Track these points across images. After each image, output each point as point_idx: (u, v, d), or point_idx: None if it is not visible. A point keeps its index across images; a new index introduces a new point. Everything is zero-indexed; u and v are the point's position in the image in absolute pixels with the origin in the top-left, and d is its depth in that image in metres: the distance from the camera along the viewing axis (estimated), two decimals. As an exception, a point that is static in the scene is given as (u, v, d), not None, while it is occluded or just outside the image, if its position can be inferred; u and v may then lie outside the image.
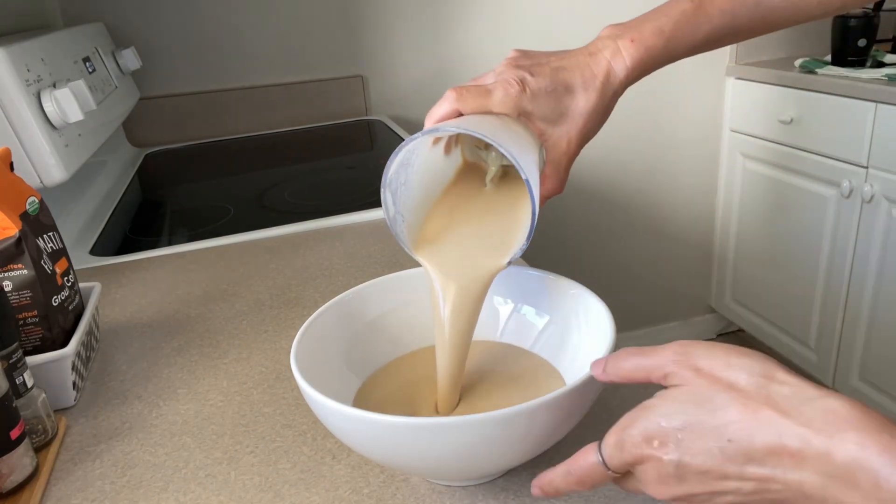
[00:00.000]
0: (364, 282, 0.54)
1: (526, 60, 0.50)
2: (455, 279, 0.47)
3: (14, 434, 0.46)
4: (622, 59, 0.50)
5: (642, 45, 0.51)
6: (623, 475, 0.35)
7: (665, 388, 0.35)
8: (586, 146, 0.52)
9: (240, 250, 0.89)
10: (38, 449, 0.51)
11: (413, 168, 0.47)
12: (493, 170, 0.50)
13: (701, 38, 0.53)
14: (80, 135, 0.95)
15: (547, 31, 1.75)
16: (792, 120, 1.72)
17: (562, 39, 1.77)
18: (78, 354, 0.59)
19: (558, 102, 0.49)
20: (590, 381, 0.40)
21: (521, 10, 1.73)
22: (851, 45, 1.66)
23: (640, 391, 0.53)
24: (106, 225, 1.04)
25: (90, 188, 1.18)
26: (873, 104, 1.49)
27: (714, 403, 0.32)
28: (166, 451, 0.52)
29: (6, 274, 0.56)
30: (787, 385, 0.31)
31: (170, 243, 0.93)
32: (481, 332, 0.55)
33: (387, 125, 1.56)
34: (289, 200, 1.08)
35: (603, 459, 0.35)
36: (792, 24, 0.56)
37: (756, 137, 1.86)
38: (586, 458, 0.35)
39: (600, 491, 0.44)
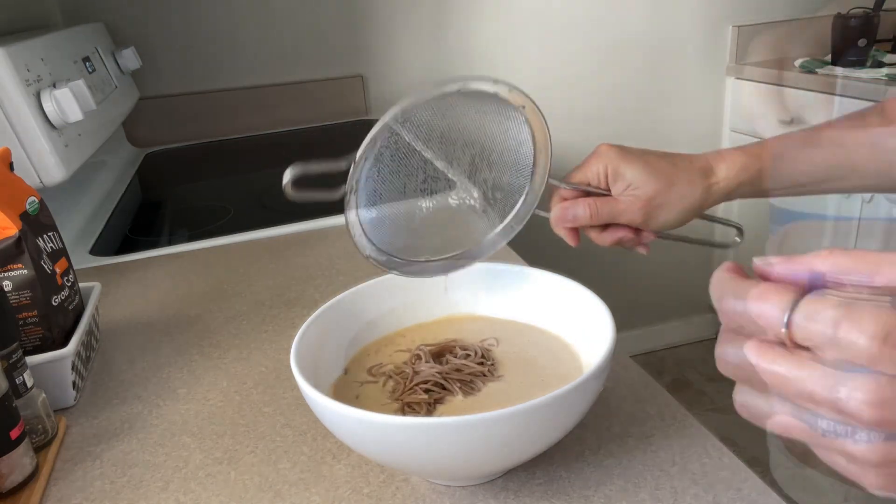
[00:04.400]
0: (364, 282, 0.54)
1: None
2: None
3: (14, 434, 0.46)
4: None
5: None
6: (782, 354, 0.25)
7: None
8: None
9: (240, 250, 0.89)
10: (38, 449, 0.51)
11: None
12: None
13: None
14: (80, 135, 0.95)
15: (547, 31, 1.75)
16: (792, 120, 1.72)
17: (562, 39, 1.78)
18: (78, 354, 0.59)
19: None
20: (589, 381, 0.40)
21: (521, 10, 1.73)
22: (851, 45, 1.66)
23: (641, 389, 0.53)
24: (106, 225, 1.04)
25: (90, 188, 1.18)
26: (873, 104, 1.49)
27: None
28: (166, 451, 0.52)
29: (6, 274, 0.56)
30: None
31: (170, 243, 0.93)
32: (487, 313, 0.55)
33: (387, 125, 1.55)
34: (289, 200, 1.08)
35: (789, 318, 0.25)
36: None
37: (756, 137, 1.86)
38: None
39: (600, 490, 0.44)
